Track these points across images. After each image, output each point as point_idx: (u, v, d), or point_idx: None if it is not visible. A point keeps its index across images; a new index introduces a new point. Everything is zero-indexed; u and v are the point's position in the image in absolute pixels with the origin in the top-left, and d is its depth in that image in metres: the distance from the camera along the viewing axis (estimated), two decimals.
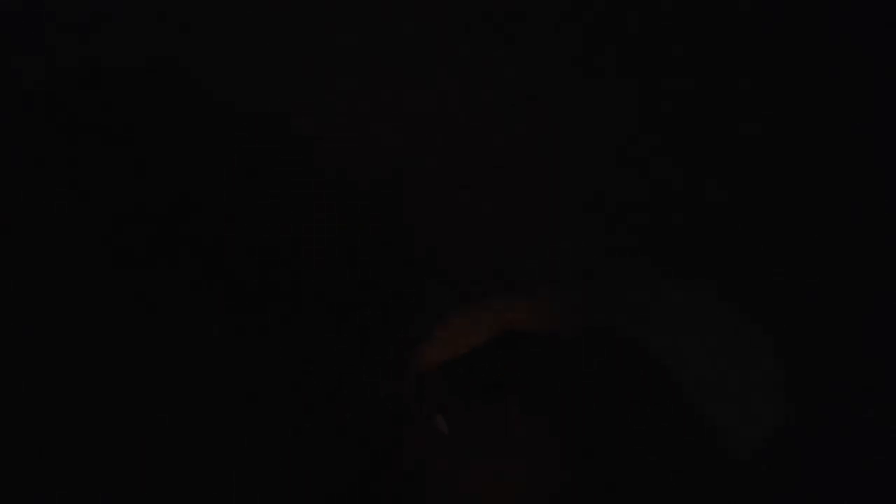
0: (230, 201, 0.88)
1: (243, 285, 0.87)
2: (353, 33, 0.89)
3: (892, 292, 0.86)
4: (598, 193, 0.89)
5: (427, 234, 0.88)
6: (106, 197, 0.87)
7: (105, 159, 0.87)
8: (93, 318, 0.86)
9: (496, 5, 0.90)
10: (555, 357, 0.74)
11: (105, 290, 0.86)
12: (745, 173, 0.89)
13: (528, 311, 0.76)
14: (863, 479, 0.83)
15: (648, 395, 0.73)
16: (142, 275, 0.87)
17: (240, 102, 0.89)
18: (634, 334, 0.77)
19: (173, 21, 0.89)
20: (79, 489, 0.83)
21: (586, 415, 0.72)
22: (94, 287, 0.86)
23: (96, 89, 0.88)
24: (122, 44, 0.88)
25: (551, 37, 0.90)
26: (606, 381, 0.73)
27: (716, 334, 0.84)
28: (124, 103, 0.88)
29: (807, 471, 0.83)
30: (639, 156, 0.90)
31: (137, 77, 0.88)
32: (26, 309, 0.85)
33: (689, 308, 0.84)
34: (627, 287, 0.86)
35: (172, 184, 0.88)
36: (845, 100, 0.88)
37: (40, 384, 0.84)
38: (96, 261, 0.86)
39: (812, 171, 0.88)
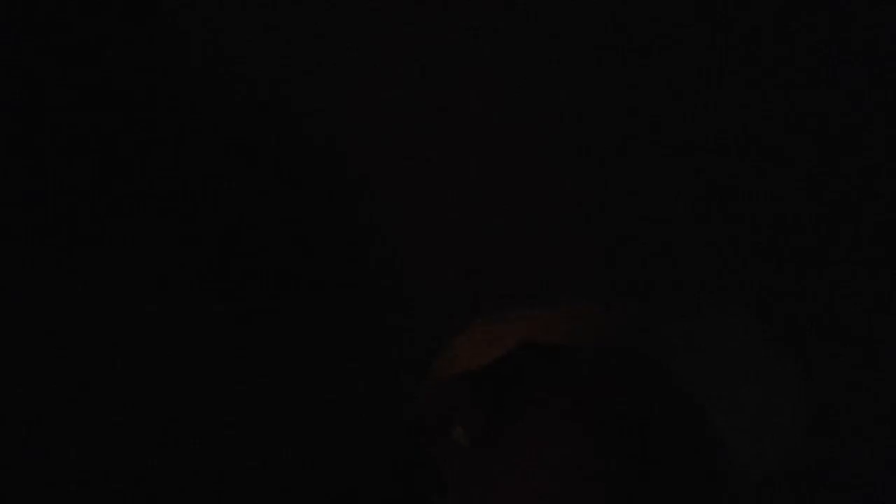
0: (237, 199, 0.87)
1: (258, 284, 0.87)
2: (347, 32, 0.89)
3: None
4: (616, 204, 0.89)
5: (449, 241, 0.88)
6: (104, 193, 0.87)
7: (103, 156, 0.87)
8: (92, 316, 0.86)
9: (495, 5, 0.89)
10: (578, 371, 0.73)
11: (105, 289, 0.86)
12: (774, 185, 0.88)
13: (551, 324, 0.75)
14: None
15: (670, 415, 0.73)
16: (142, 272, 0.86)
17: (238, 95, 0.89)
18: (658, 351, 0.76)
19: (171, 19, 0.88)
20: (78, 488, 0.83)
21: (609, 430, 0.71)
22: (93, 285, 0.86)
23: (97, 86, 0.87)
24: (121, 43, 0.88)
25: (552, 36, 0.90)
26: (629, 398, 0.72)
27: (741, 358, 0.83)
28: (120, 99, 0.87)
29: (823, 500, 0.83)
30: (657, 162, 0.89)
31: (132, 73, 0.88)
32: (24, 306, 0.85)
33: (715, 329, 0.84)
34: (654, 302, 0.85)
35: (170, 182, 0.88)
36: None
37: (39, 382, 0.84)
38: (96, 257, 0.86)
39: (848, 187, 0.87)
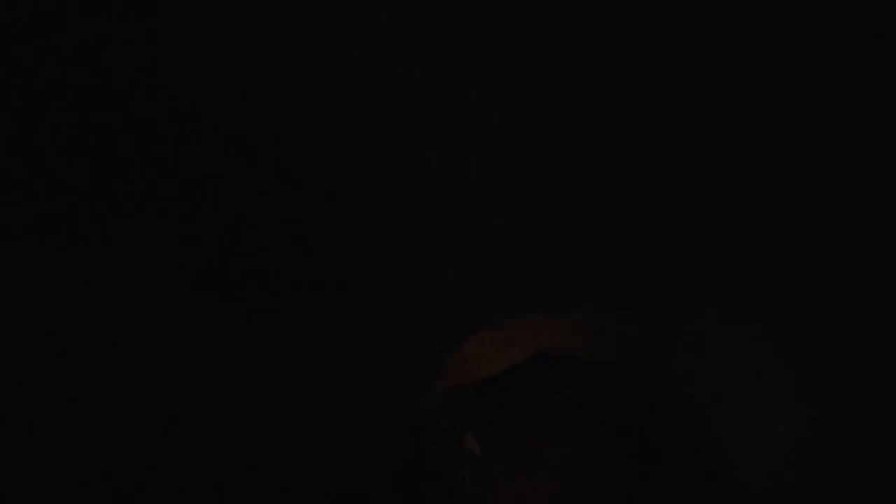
0: (237, 199, 0.87)
1: (258, 284, 0.86)
2: (347, 33, 0.89)
3: None
4: (616, 204, 0.88)
5: (449, 241, 0.88)
6: (104, 193, 0.87)
7: (103, 156, 0.87)
8: (92, 316, 0.86)
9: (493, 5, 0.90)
10: (589, 381, 0.73)
11: (105, 289, 0.86)
12: (774, 185, 0.88)
13: (563, 332, 0.75)
14: None
15: (670, 415, 0.73)
16: (142, 272, 0.86)
17: (238, 92, 0.89)
18: (663, 356, 0.76)
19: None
20: (78, 488, 0.83)
21: (609, 430, 0.71)
22: (93, 285, 0.86)
23: (97, 84, 0.87)
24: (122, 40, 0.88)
25: (552, 36, 0.90)
26: (629, 398, 0.72)
27: (744, 362, 0.84)
28: (120, 99, 0.87)
29: None
30: (657, 162, 0.89)
31: (131, 70, 0.88)
32: (24, 306, 0.85)
33: (718, 334, 0.84)
34: (659, 310, 0.85)
35: (170, 182, 0.88)
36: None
37: (39, 382, 0.84)
38: (96, 257, 0.86)
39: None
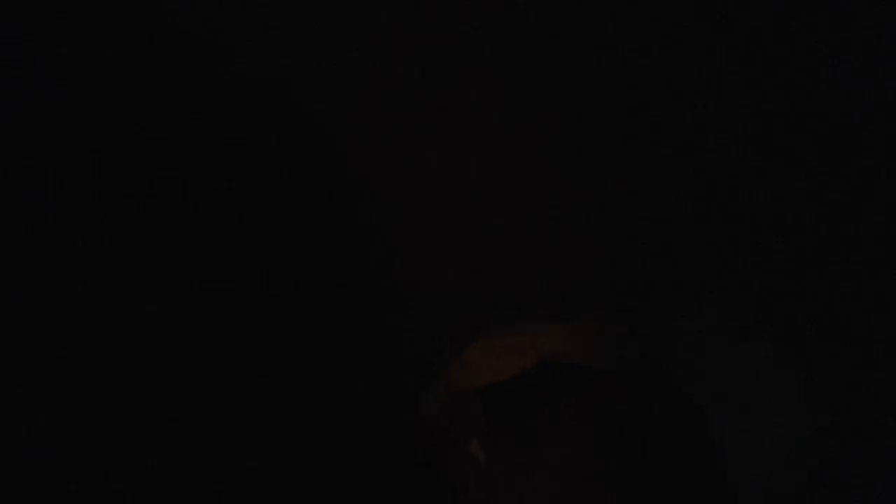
0: (237, 199, 0.87)
1: (258, 284, 0.86)
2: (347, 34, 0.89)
3: None
4: (616, 204, 0.88)
5: (449, 241, 0.87)
6: (104, 193, 0.87)
7: (103, 156, 0.87)
8: (92, 316, 0.86)
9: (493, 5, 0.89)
10: (590, 387, 0.73)
11: (105, 289, 0.86)
12: (774, 185, 0.87)
13: (564, 340, 0.75)
14: None
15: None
16: (142, 272, 0.86)
17: (239, 93, 0.89)
18: (671, 366, 0.76)
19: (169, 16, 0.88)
20: (78, 488, 0.83)
21: (609, 430, 0.71)
22: (93, 285, 0.86)
23: (98, 84, 0.87)
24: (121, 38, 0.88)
25: (552, 36, 0.90)
26: (641, 412, 0.72)
27: (753, 372, 0.83)
28: (120, 99, 0.87)
29: None
30: (657, 162, 0.88)
31: (132, 70, 0.88)
32: (24, 306, 0.85)
33: (728, 344, 0.84)
34: (668, 315, 0.85)
35: (170, 182, 0.87)
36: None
37: (39, 382, 0.84)
38: (96, 257, 0.86)
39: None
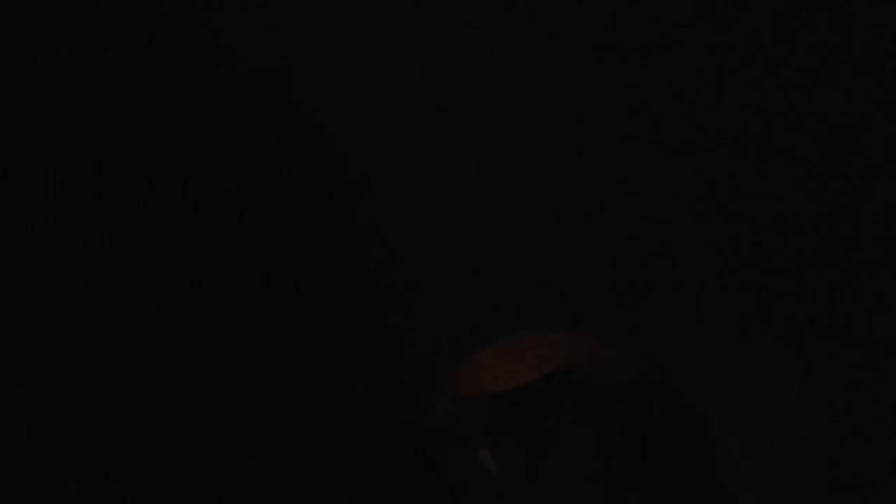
0: (237, 199, 0.87)
1: (258, 284, 0.86)
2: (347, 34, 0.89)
3: None
4: (616, 204, 0.87)
5: (449, 241, 0.86)
6: (104, 193, 0.87)
7: (103, 156, 0.87)
8: (92, 316, 0.86)
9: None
10: (601, 402, 0.71)
11: (105, 289, 0.86)
12: (774, 185, 0.86)
13: (576, 351, 0.73)
14: None
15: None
16: (142, 272, 0.86)
17: (241, 94, 0.89)
18: (681, 384, 0.75)
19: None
20: (78, 488, 0.83)
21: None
22: (93, 285, 0.86)
23: (99, 83, 0.87)
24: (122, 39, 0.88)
25: (552, 36, 0.89)
26: (647, 432, 0.71)
27: (758, 384, 0.83)
28: (120, 99, 0.87)
29: None
30: (657, 162, 0.88)
31: (134, 70, 0.88)
32: (24, 306, 0.85)
33: (734, 354, 0.83)
34: (673, 324, 0.84)
35: (170, 182, 0.87)
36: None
37: (39, 382, 0.84)
38: (96, 257, 0.86)
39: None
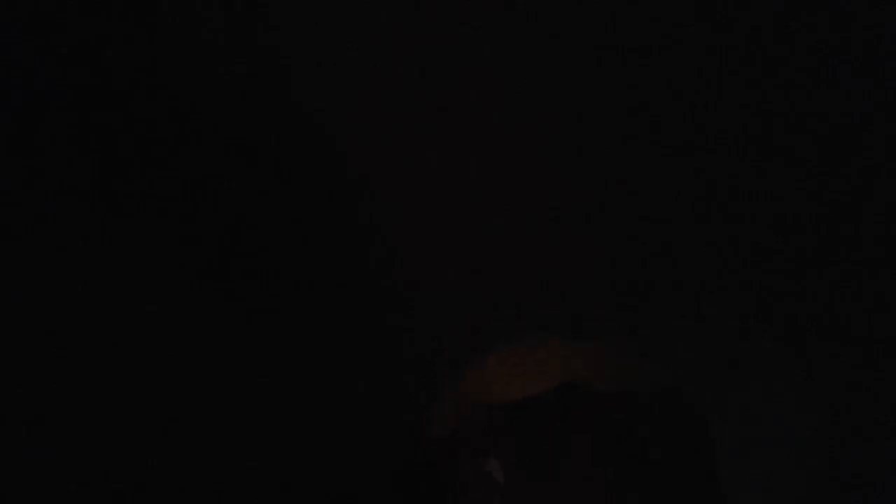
0: (237, 199, 0.87)
1: (258, 284, 0.86)
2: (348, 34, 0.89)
3: None
4: (617, 204, 0.87)
5: (449, 241, 0.86)
6: (104, 193, 0.87)
7: (103, 156, 0.87)
8: (92, 316, 0.86)
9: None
10: (607, 415, 0.70)
11: (105, 289, 0.86)
12: (774, 185, 0.86)
13: (588, 363, 0.72)
14: None
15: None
16: (142, 272, 0.86)
17: (243, 97, 0.89)
18: (688, 391, 0.75)
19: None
20: (78, 488, 0.83)
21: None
22: (93, 285, 0.86)
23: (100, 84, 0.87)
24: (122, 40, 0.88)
25: (552, 36, 0.90)
26: (655, 447, 0.70)
27: (758, 384, 0.83)
28: (120, 99, 0.87)
29: None
30: (657, 162, 0.87)
31: (135, 71, 0.88)
32: (24, 306, 0.85)
33: (734, 354, 0.83)
34: (673, 325, 0.84)
35: (170, 182, 0.87)
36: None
37: (39, 382, 0.84)
38: (96, 257, 0.86)
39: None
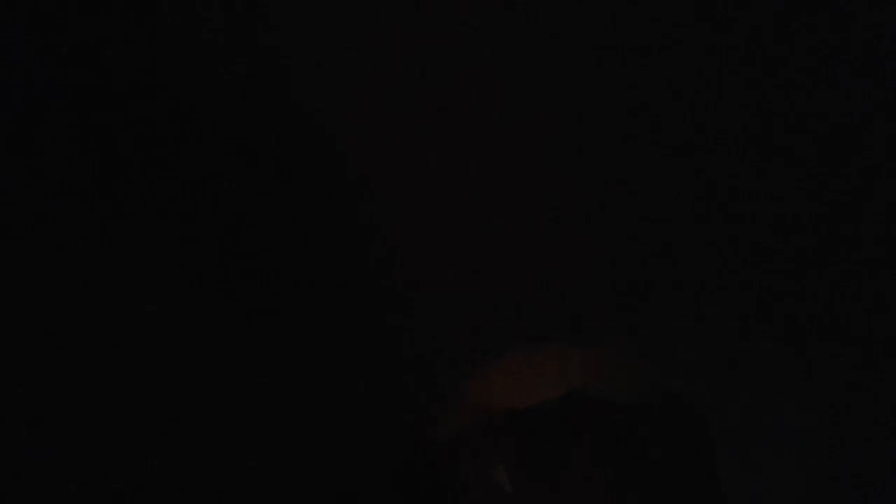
0: (237, 199, 0.87)
1: (258, 284, 0.86)
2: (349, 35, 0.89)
3: None
4: (616, 204, 0.87)
5: (449, 241, 0.86)
6: (104, 193, 0.86)
7: (103, 156, 0.87)
8: (92, 316, 0.85)
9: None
10: (612, 424, 0.70)
11: (105, 289, 0.86)
12: (774, 185, 0.87)
13: (591, 369, 0.72)
14: None
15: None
16: (142, 272, 0.86)
17: (244, 98, 0.88)
18: (688, 391, 0.75)
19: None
20: (78, 488, 0.83)
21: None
22: (93, 285, 0.86)
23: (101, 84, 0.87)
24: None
25: (552, 36, 0.90)
26: (659, 456, 0.70)
27: (758, 384, 0.83)
28: (120, 99, 0.87)
29: None
30: (657, 162, 0.88)
31: (136, 73, 0.87)
32: (24, 306, 0.84)
33: (734, 354, 0.83)
34: (673, 324, 0.84)
35: (170, 182, 0.87)
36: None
37: (39, 382, 0.84)
38: (96, 257, 0.86)
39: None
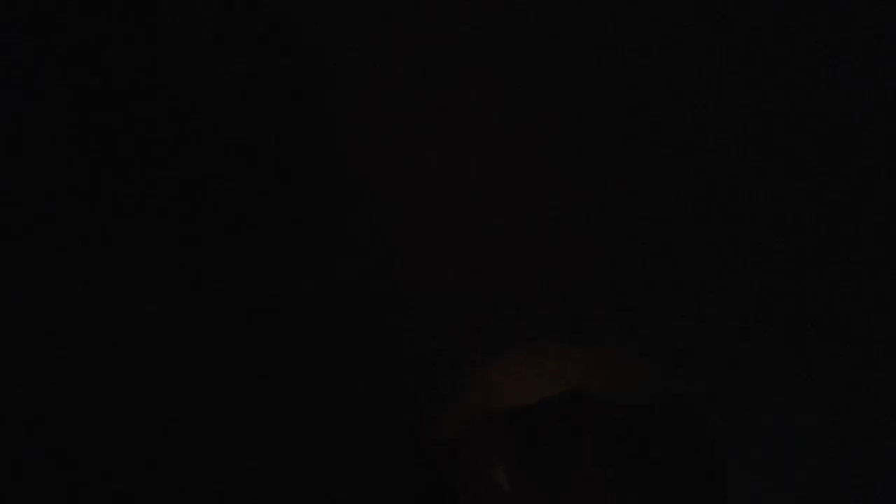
0: (237, 199, 0.87)
1: (258, 284, 0.85)
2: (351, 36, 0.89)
3: None
4: (616, 204, 0.86)
5: (449, 241, 0.85)
6: (104, 193, 0.87)
7: (103, 156, 0.87)
8: (92, 316, 0.86)
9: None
10: (613, 424, 0.69)
11: (105, 289, 0.86)
12: (774, 185, 0.86)
13: (590, 368, 0.70)
14: None
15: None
16: (142, 272, 0.86)
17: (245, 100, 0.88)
18: (688, 392, 0.74)
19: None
20: (78, 488, 0.83)
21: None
22: (93, 285, 0.86)
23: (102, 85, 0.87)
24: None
25: (552, 36, 0.89)
26: (661, 457, 0.69)
27: (758, 384, 0.82)
28: (120, 99, 0.87)
29: None
30: (657, 162, 0.87)
31: (137, 74, 0.87)
32: (24, 306, 0.85)
33: (734, 354, 0.82)
34: (673, 325, 0.83)
35: (170, 182, 0.87)
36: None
37: (39, 382, 0.84)
38: (96, 257, 0.86)
39: None
